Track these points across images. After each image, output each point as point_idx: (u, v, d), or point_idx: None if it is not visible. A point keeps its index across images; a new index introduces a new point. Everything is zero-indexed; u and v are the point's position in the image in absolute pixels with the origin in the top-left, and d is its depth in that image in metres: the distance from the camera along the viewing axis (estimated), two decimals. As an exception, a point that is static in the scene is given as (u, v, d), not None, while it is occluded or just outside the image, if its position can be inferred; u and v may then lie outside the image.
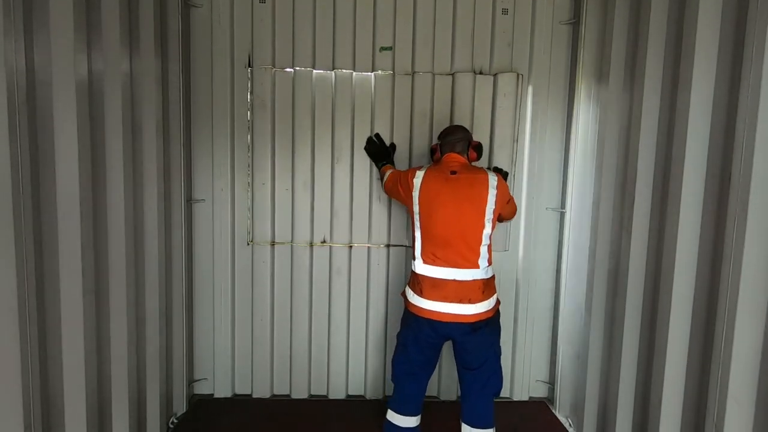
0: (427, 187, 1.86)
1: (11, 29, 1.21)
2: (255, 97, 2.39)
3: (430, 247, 1.86)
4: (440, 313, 1.82)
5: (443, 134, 2.02)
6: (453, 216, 1.81)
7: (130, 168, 1.80)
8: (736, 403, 1.35)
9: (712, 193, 1.52)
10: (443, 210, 1.82)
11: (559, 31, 2.43)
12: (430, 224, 1.85)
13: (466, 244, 1.82)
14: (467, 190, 1.83)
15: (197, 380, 2.51)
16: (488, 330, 1.88)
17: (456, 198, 1.82)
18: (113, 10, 1.66)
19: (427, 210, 1.85)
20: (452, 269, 1.82)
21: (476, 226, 1.82)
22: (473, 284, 1.81)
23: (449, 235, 1.82)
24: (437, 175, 1.88)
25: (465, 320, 1.81)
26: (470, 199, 1.82)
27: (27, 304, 1.28)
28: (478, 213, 1.82)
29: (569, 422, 2.36)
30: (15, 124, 1.22)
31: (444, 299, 1.81)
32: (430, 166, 1.95)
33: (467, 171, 1.88)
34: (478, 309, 1.81)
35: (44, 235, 1.39)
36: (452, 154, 1.94)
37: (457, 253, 1.82)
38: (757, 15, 1.31)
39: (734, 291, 1.35)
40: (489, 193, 1.82)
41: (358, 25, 2.37)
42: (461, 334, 1.84)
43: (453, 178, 1.85)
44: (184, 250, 2.30)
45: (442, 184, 1.85)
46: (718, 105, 1.50)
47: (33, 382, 1.32)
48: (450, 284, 1.81)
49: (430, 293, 1.83)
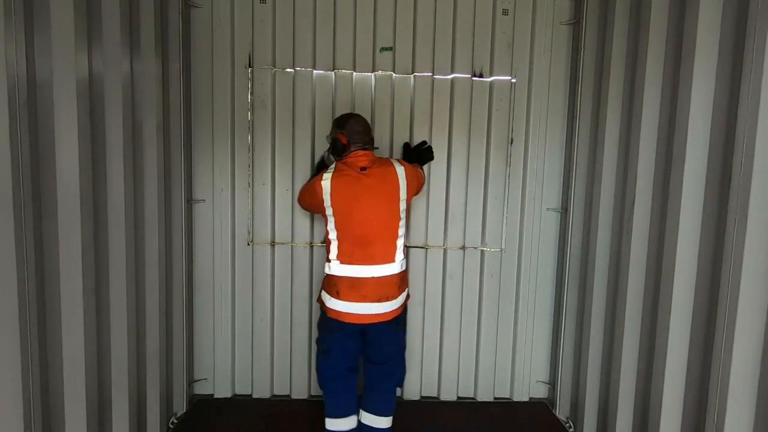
0: (338, 189, 1.82)
1: (12, 30, 1.21)
2: (255, 97, 2.39)
3: (347, 247, 1.83)
4: (359, 315, 1.82)
5: (344, 123, 1.93)
6: (370, 213, 1.81)
7: (130, 168, 1.80)
8: (736, 404, 1.35)
9: (713, 193, 1.52)
10: (360, 208, 1.81)
11: (560, 31, 2.43)
12: (349, 224, 1.83)
13: (384, 239, 1.83)
14: (380, 184, 1.82)
15: (197, 380, 2.51)
16: (399, 327, 1.94)
17: (370, 194, 1.81)
18: (114, 10, 1.66)
19: (343, 211, 1.82)
20: (369, 266, 1.81)
21: (392, 220, 1.83)
22: (390, 279, 1.83)
23: (369, 233, 1.82)
24: (347, 175, 1.84)
25: (383, 319, 1.84)
26: (384, 194, 1.82)
27: (27, 303, 1.28)
28: (393, 207, 1.83)
29: (569, 423, 2.36)
30: (16, 125, 1.22)
31: (363, 299, 1.81)
32: (336, 168, 1.89)
33: (376, 165, 1.86)
34: (393, 306, 1.85)
35: (45, 235, 1.39)
36: (359, 150, 1.88)
37: (375, 250, 1.82)
38: (757, 15, 1.31)
39: (734, 291, 1.34)
40: (400, 184, 1.83)
41: (359, 25, 2.37)
42: (376, 332, 1.87)
43: (364, 174, 1.83)
44: (184, 250, 2.30)
45: (353, 183, 1.82)
46: (718, 105, 1.50)
47: (33, 382, 1.32)
48: (368, 282, 1.81)
49: (348, 294, 1.81)
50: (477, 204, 2.50)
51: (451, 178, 2.47)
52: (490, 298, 2.54)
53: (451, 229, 2.50)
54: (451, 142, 2.45)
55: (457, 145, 2.45)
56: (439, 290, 2.52)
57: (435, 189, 2.47)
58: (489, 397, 2.58)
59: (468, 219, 2.50)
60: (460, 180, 2.47)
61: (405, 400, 2.53)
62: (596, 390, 2.18)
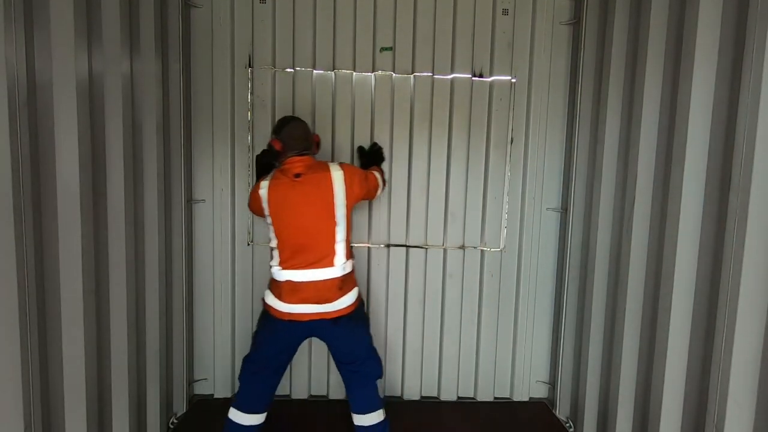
0: (274, 196, 1.83)
1: (12, 30, 1.21)
2: (255, 97, 2.39)
3: (286, 253, 1.84)
4: (300, 314, 1.83)
5: (280, 128, 1.92)
6: (303, 221, 1.81)
7: (130, 168, 1.81)
8: (736, 404, 1.35)
9: (713, 194, 1.52)
10: (293, 216, 1.82)
11: (560, 31, 2.43)
12: (286, 232, 1.84)
13: (321, 245, 1.82)
14: (314, 191, 1.81)
15: (197, 380, 2.51)
16: (352, 323, 1.90)
17: (304, 202, 1.81)
18: (113, 10, 1.66)
19: (279, 218, 1.84)
20: (308, 271, 1.82)
21: (328, 226, 1.82)
22: (330, 283, 1.83)
23: (305, 239, 1.82)
24: (282, 182, 1.84)
25: (325, 317, 1.84)
26: (318, 201, 1.81)
27: (27, 304, 1.28)
28: (328, 213, 1.82)
29: (569, 423, 2.36)
30: (16, 125, 1.22)
31: (303, 301, 1.82)
32: (273, 176, 1.90)
33: (312, 171, 1.84)
34: (336, 306, 1.84)
35: (45, 235, 1.39)
36: (295, 157, 1.86)
37: (313, 255, 1.82)
38: (757, 15, 1.31)
39: (734, 291, 1.34)
40: (335, 189, 1.82)
41: (359, 25, 2.37)
42: (323, 329, 1.87)
43: (298, 181, 1.82)
44: (184, 250, 2.30)
45: (287, 190, 1.82)
46: (718, 105, 1.50)
47: (33, 381, 1.32)
48: (308, 286, 1.82)
49: (290, 297, 1.83)
50: (477, 203, 2.50)
51: (451, 177, 2.47)
52: (490, 297, 2.54)
53: (450, 228, 2.50)
54: (451, 141, 2.45)
55: (457, 145, 2.45)
56: (439, 290, 2.52)
57: (435, 188, 2.47)
58: (489, 397, 2.58)
59: (468, 218, 2.50)
60: (460, 179, 2.47)
61: (405, 400, 2.53)
62: (596, 390, 2.17)
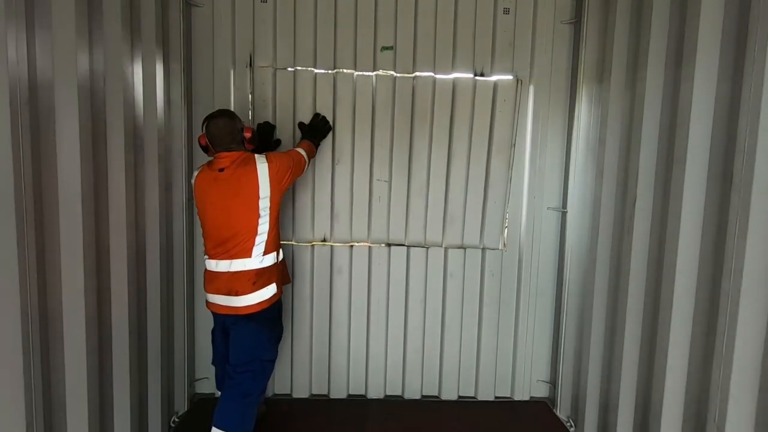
0: (200, 189, 1.88)
1: (14, 29, 1.21)
2: (256, 96, 2.39)
3: (209, 243, 1.89)
4: (216, 305, 1.89)
5: (206, 124, 1.89)
6: (222, 216, 1.83)
7: (131, 167, 1.81)
8: (737, 403, 1.35)
9: (714, 193, 1.52)
10: (212, 211, 1.85)
11: (561, 30, 2.43)
12: (206, 223, 1.88)
13: (239, 237, 1.84)
14: (235, 187, 1.82)
15: (198, 379, 2.52)
16: (253, 325, 1.87)
17: (224, 197, 1.82)
18: (115, 9, 1.66)
19: (201, 211, 1.89)
20: (225, 261, 1.85)
21: (250, 218, 1.83)
22: (244, 274, 1.84)
23: (222, 231, 1.84)
24: (207, 176, 1.87)
25: (234, 312, 1.86)
26: (239, 196, 1.82)
27: (29, 303, 1.28)
28: (250, 208, 1.83)
29: (570, 422, 2.36)
30: (17, 123, 1.22)
31: (216, 291, 1.87)
32: (202, 169, 1.92)
33: (236, 166, 1.83)
34: (245, 302, 1.85)
35: (46, 234, 1.39)
36: (223, 152, 1.86)
37: (231, 246, 1.84)
38: (759, 15, 1.30)
39: (736, 290, 1.34)
40: (260, 182, 1.83)
41: (360, 24, 2.37)
42: (233, 325, 1.89)
43: (221, 176, 1.83)
44: (185, 248, 2.30)
45: (210, 185, 1.85)
46: (719, 105, 1.50)
47: (35, 380, 1.32)
48: (222, 276, 1.86)
49: (209, 286, 1.90)
50: (477, 203, 2.50)
51: (452, 176, 2.47)
52: (491, 297, 2.54)
53: (451, 227, 2.50)
54: (451, 140, 2.45)
55: (457, 144, 2.45)
56: (439, 289, 2.52)
57: (435, 188, 2.47)
58: (490, 397, 2.58)
59: (468, 218, 2.50)
60: (461, 178, 2.47)
61: (406, 399, 2.53)
62: (597, 389, 2.17)
